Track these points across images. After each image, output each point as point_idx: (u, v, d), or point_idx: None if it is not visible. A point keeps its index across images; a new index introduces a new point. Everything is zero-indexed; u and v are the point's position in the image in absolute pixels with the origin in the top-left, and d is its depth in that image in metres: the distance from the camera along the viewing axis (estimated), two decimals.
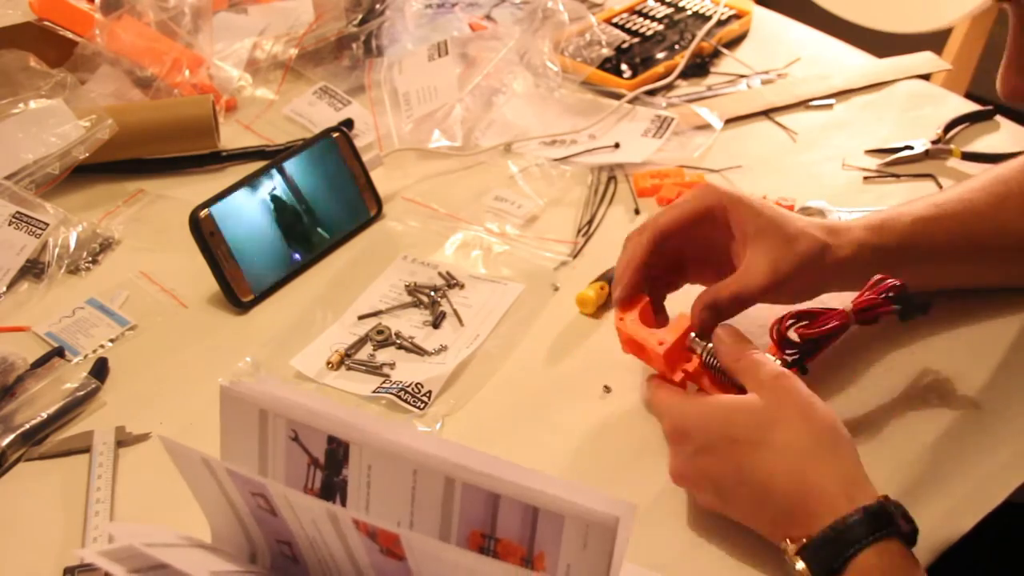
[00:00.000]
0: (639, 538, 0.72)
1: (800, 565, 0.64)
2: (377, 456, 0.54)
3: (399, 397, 0.82)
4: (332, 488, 0.56)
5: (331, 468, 0.56)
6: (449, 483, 0.52)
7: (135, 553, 0.50)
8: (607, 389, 0.85)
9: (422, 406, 0.82)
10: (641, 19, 1.33)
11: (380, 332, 0.89)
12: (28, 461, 0.79)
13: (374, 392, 0.83)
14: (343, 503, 0.56)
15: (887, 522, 0.63)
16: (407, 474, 0.53)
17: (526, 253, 0.99)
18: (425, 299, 0.93)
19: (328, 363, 0.86)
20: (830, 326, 0.77)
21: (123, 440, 0.80)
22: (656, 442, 0.79)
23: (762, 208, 0.80)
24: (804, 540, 0.64)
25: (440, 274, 0.96)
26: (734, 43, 1.32)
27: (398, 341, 0.89)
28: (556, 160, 1.10)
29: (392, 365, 0.87)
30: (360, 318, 0.91)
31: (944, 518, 0.74)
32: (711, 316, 0.79)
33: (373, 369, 0.86)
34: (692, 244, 0.83)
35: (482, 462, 0.52)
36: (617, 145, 1.12)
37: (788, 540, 0.65)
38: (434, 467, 0.52)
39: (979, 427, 0.80)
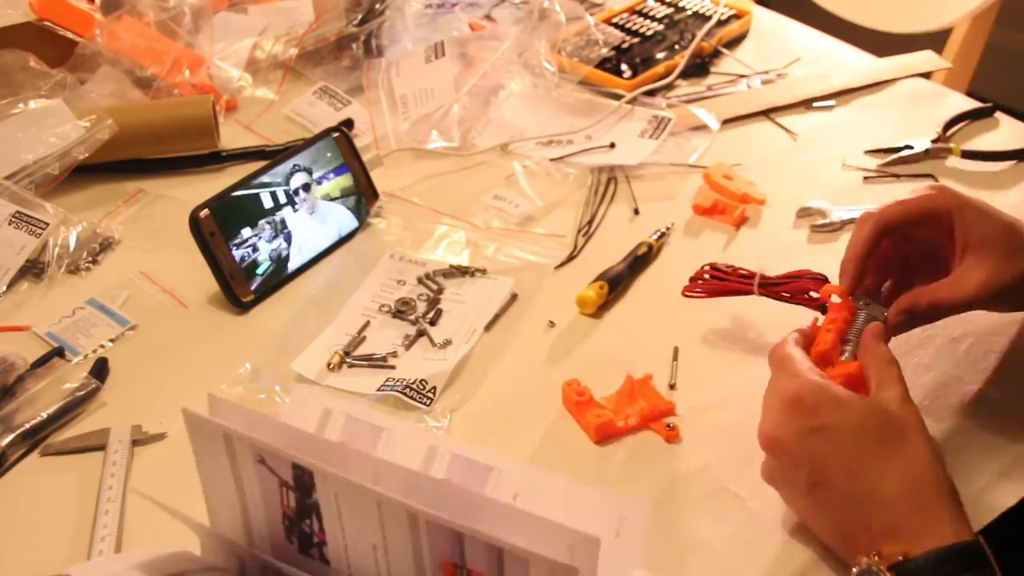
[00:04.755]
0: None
1: None
2: (341, 486, 0.53)
3: (405, 394, 0.82)
4: (307, 509, 0.55)
5: (301, 491, 0.55)
6: (412, 518, 0.51)
7: None
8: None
9: (428, 402, 0.82)
10: (641, 19, 1.34)
11: (405, 303, 0.91)
12: (45, 456, 0.79)
13: (379, 390, 0.83)
14: (320, 525, 0.55)
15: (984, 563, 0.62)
16: (372, 505, 0.52)
17: (521, 251, 0.99)
18: (423, 294, 0.93)
19: (328, 364, 0.86)
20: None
21: (138, 439, 0.80)
22: (659, 441, 0.79)
23: (990, 216, 0.78)
24: (901, 557, 0.63)
25: (434, 271, 0.96)
26: (734, 43, 1.32)
27: (414, 318, 0.90)
28: (552, 160, 1.10)
29: (395, 354, 0.87)
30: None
31: None
32: (906, 321, 0.78)
33: (376, 362, 0.86)
34: (912, 243, 0.81)
35: (442, 497, 0.50)
36: (612, 145, 1.12)
37: (876, 554, 0.64)
38: (395, 505, 0.51)
39: (971, 437, 0.80)
